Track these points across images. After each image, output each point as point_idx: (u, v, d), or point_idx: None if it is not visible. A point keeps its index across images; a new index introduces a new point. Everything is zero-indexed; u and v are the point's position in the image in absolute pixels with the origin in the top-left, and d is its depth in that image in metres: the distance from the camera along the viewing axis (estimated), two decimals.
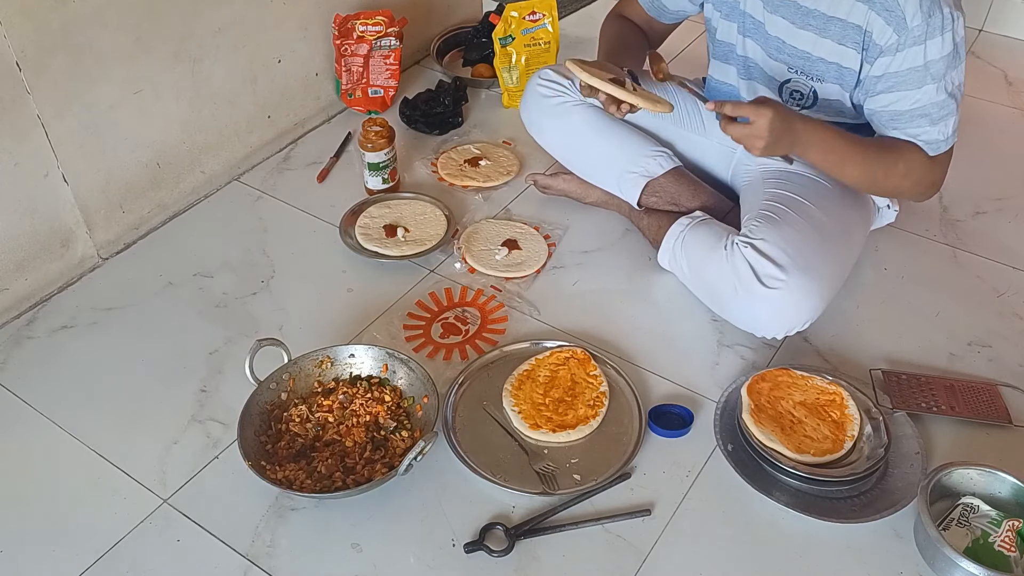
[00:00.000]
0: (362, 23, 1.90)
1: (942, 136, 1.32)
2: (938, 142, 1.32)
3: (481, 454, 1.25)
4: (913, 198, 1.45)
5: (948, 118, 1.30)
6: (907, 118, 1.31)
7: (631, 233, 1.66)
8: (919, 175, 1.34)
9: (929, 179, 1.36)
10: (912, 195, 1.42)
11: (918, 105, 1.29)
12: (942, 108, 1.29)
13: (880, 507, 1.17)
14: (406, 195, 1.73)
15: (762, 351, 1.42)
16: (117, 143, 1.56)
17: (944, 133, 1.31)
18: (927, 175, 1.35)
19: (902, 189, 1.39)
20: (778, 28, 1.38)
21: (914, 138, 1.32)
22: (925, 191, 1.39)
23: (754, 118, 1.24)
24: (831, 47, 1.33)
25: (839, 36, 1.32)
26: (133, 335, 1.46)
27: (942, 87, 1.27)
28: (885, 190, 1.41)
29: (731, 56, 1.50)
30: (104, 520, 1.19)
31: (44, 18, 1.37)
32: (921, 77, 1.26)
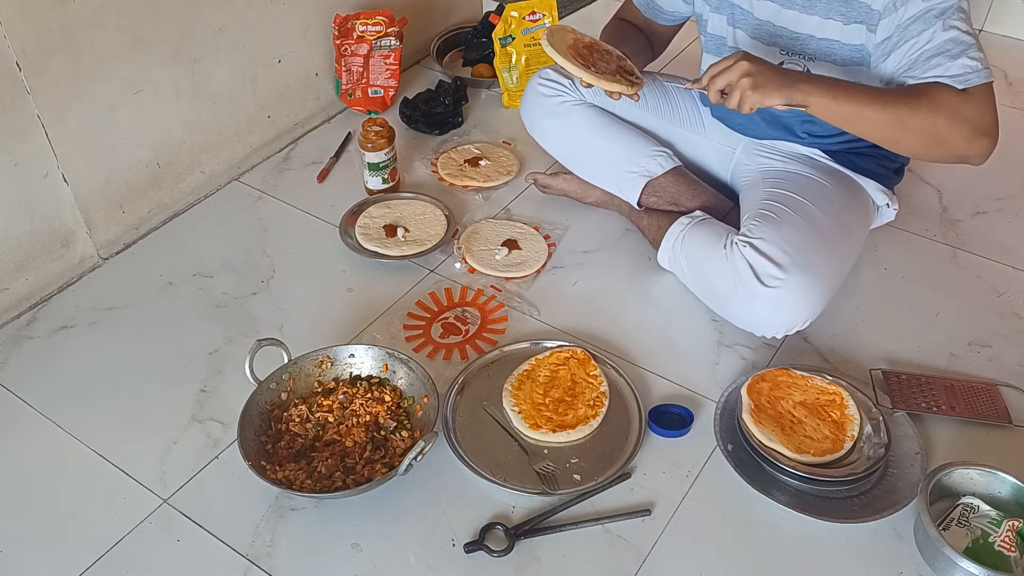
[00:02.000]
0: (362, 23, 1.90)
1: (968, 69, 1.20)
2: (965, 75, 1.20)
3: (481, 454, 1.25)
4: (962, 147, 1.23)
5: (968, 51, 1.20)
6: (923, 62, 1.23)
7: (631, 233, 1.66)
8: (952, 109, 1.19)
9: (968, 115, 1.20)
10: (957, 140, 1.22)
11: (931, 46, 1.21)
12: (957, 43, 1.20)
13: (880, 507, 1.17)
14: (406, 195, 1.73)
15: (762, 351, 1.42)
16: (117, 143, 1.56)
17: (969, 66, 1.20)
18: (963, 109, 1.20)
19: (939, 130, 1.21)
20: (766, 12, 1.38)
21: (939, 77, 1.21)
22: (970, 132, 1.21)
23: (729, 62, 1.22)
24: (818, 23, 1.33)
25: (825, 11, 1.31)
26: (133, 335, 1.46)
27: (949, 24, 1.20)
28: (920, 136, 1.22)
29: (722, 49, 1.50)
30: (104, 520, 1.19)
31: (44, 18, 1.37)
32: (926, 21, 1.21)
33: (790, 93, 1.20)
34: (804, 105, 1.21)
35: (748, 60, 1.21)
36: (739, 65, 1.21)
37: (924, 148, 1.25)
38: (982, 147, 1.23)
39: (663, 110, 1.65)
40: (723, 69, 1.22)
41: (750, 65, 1.20)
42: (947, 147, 1.23)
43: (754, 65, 1.20)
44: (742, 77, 1.20)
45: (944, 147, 1.24)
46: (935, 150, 1.25)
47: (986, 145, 1.23)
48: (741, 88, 1.20)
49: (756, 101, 1.20)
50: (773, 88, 1.20)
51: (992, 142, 1.23)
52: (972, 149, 1.23)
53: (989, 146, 1.23)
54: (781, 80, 1.21)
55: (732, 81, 1.21)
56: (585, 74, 1.28)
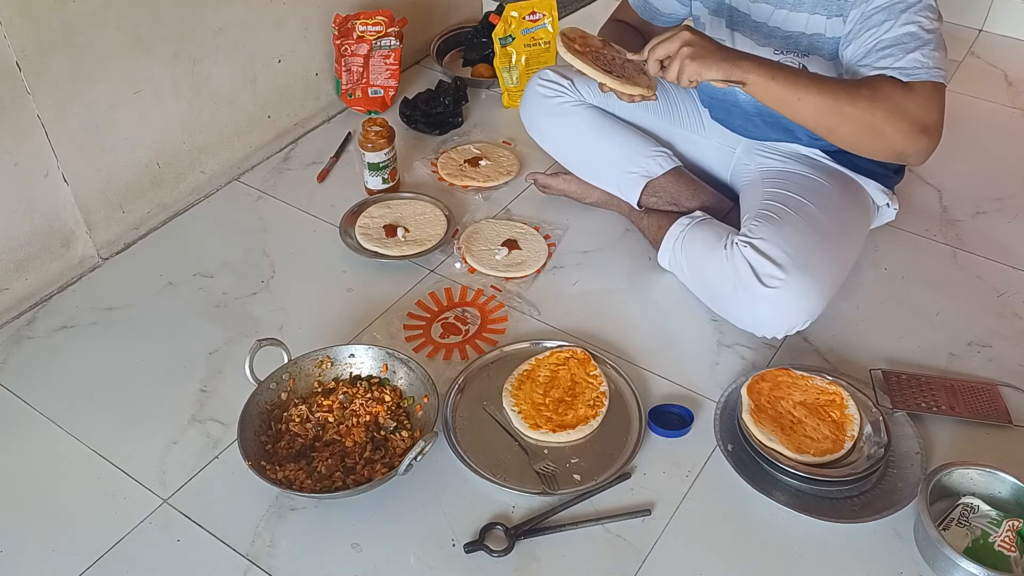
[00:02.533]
0: (362, 23, 1.90)
1: (918, 64, 1.19)
2: (914, 68, 1.19)
3: (481, 454, 1.25)
4: (900, 142, 1.20)
5: (924, 48, 1.19)
6: (876, 52, 1.22)
7: (631, 233, 1.66)
8: (892, 103, 1.18)
9: (908, 109, 1.18)
10: (894, 135, 1.19)
11: (888, 36, 1.21)
12: (915, 38, 1.20)
13: (880, 507, 1.17)
14: (406, 195, 1.73)
15: (762, 351, 1.42)
16: (117, 143, 1.56)
17: (920, 62, 1.19)
18: (903, 103, 1.18)
19: (876, 122, 1.19)
20: (762, 13, 1.38)
21: (886, 69, 1.21)
22: (908, 127, 1.19)
23: (671, 33, 1.22)
24: (807, 19, 1.33)
25: (811, 6, 1.32)
26: (133, 335, 1.46)
27: (911, 19, 1.20)
28: (856, 127, 1.21)
29: None
30: (104, 520, 1.19)
31: (44, 18, 1.37)
32: (890, 12, 1.21)
33: (730, 68, 1.19)
34: (743, 82, 1.21)
35: (690, 31, 1.21)
36: (680, 35, 1.21)
37: (861, 139, 1.23)
38: (920, 144, 1.20)
39: (663, 110, 1.65)
40: (664, 39, 1.22)
41: (691, 36, 1.20)
42: (884, 141, 1.21)
43: (695, 36, 1.20)
44: (682, 46, 1.20)
45: (881, 141, 1.21)
46: (872, 143, 1.23)
47: (925, 143, 1.20)
48: (681, 57, 1.20)
49: (695, 72, 1.19)
50: (713, 61, 1.19)
51: (932, 141, 1.21)
52: (910, 145, 1.21)
53: (928, 144, 1.21)
54: (722, 55, 1.20)
55: (672, 52, 1.21)
56: (606, 78, 1.28)
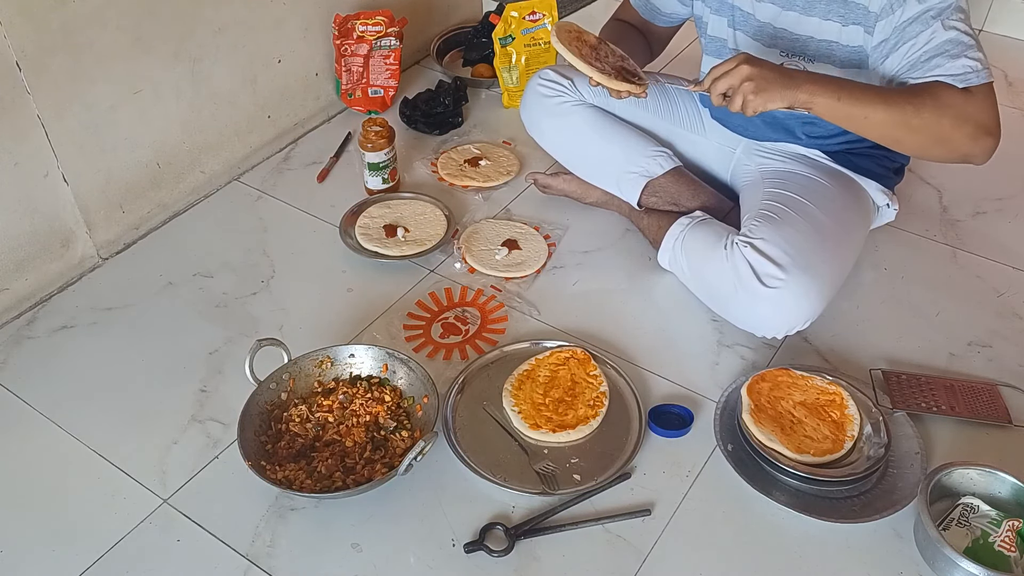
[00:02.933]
0: (362, 23, 1.90)
1: (968, 69, 1.20)
2: (966, 74, 1.20)
3: (481, 454, 1.25)
4: (965, 145, 1.22)
5: (968, 52, 1.20)
6: (922, 63, 1.22)
7: (631, 233, 1.66)
8: (956, 109, 1.19)
9: (971, 114, 1.20)
10: (960, 139, 1.21)
11: (930, 47, 1.21)
12: (956, 44, 1.20)
13: (880, 507, 1.17)
14: (406, 195, 1.73)
15: (762, 351, 1.42)
16: (117, 143, 1.56)
17: (969, 66, 1.20)
18: (966, 108, 1.19)
19: (943, 130, 1.20)
20: (767, 14, 1.38)
21: (938, 78, 1.21)
22: (973, 131, 1.21)
23: (731, 65, 1.21)
24: (817, 24, 1.33)
25: (824, 12, 1.31)
26: (133, 335, 1.46)
27: (948, 24, 1.20)
28: (924, 136, 1.22)
29: (723, 51, 1.49)
30: (104, 520, 1.19)
31: (44, 18, 1.37)
32: (924, 22, 1.21)
33: (794, 95, 1.20)
34: (808, 107, 1.21)
35: (750, 64, 1.20)
36: (741, 69, 1.20)
37: (928, 148, 1.25)
38: (985, 146, 1.22)
39: (663, 110, 1.65)
40: (725, 72, 1.21)
41: (752, 69, 1.19)
42: (950, 146, 1.23)
43: (756, 68, 1.19)
44: (744, 81, 1.19)
45: (947, 146, 1.23)
46: (938, 149, 1.25)
47: (989, 144, 1.23)
48: (744, 92, 1.20)
49: (759, 105, 1.20)
50: (776, 91, 1.19)
51: (995, 141, 1.23)
52: (976, 148, 1.23)
53: (992, 145, 1.23)
54: (784, 83, 1.20)
55: (734, 85, 1.20)
56: (595, 72, 1.27)
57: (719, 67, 1.23)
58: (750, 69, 1.19)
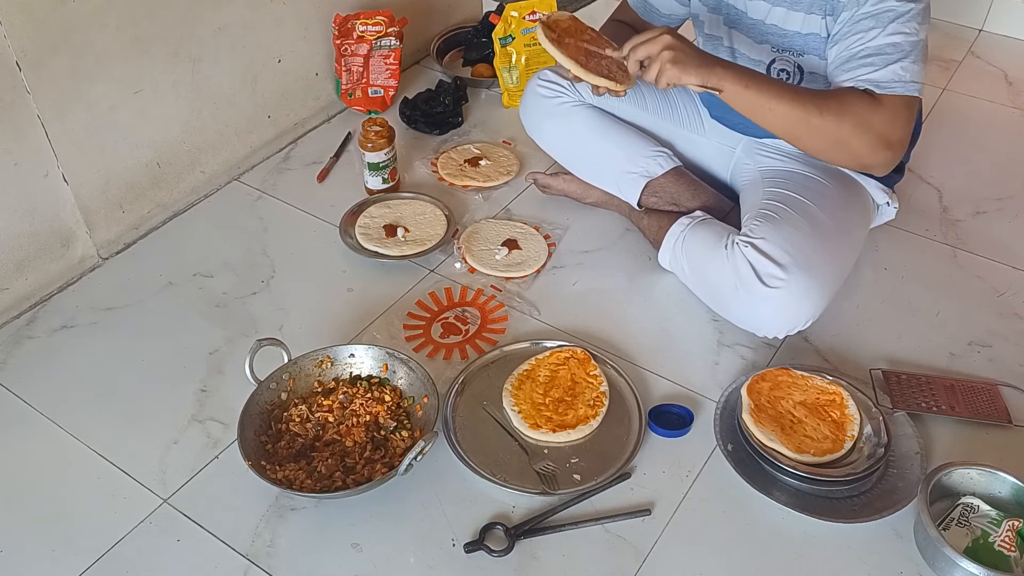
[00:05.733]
0: (362, 23, 1.90)
1: (895, 77, 1.21)
2: (890, 82, 1.21)
3: (481, 454, 1.25)
4: (863, 155, 1.24)
5: (904, 60, 1.20)
6: (857, 59, 1.23)
7: (631, 233, 1.66)
8: (859, 117, 1.20)
9: (874, 124, 1.21)
10: (858, 147, 1.23)
11: (871, 45, 1.22)
12: (897, 49, 1.20)
13: (880, 507, 1.17)
14: (406, 195, 1.73)
15: (762, 351, 1.42)
16: (117, 143, 1.56)
17: (898, 75, 1.20)
18: (870, 117, 1.20)
19: (842, 136, 1.22)
20: (758, 11, 1.39)
21: (861, 78, 1.23)
22: (873, 141, 1.22)
23: (652, 34, 1.23)
24: (803, 19, 1.34)
25: (807, 6, 1.32)
26: (133, 335, 1.46)
27: (899, 29, 1.21)
28: (823, 138, 1.23)
29: (719, 48, 1.50)
30: (104, 520, 1.19)
31: (44, 18, 1.37)
32: (878, 19, 1.22)
33: (707, 74, 1.22)
34: (718, 89, 1.23)
35: (671, 35, 1.23)
36: (661, 38, 1.22)
37: (827, 150, 1.28)
38: (882, 158, 1.25)
39: (663, 110, 1.65)
40: (645, 40, 1.24)
41: (672, 40, 1.22)
42: (849, 153, 1.26)
43: (676, 40, 1.22)
44: (663, 50, 1.22)
45: (846, 152, 1.26)
46: (837, 153, 1.27)
47: (886, 157, 1.25)
48: (661, 60, 1.22)
49: (674, 76, 1.22)
50: (692, 66, 1.22)
51: (895, 155, 1.25)
52: (873, 158, 1.25)
53: (889, 158, 1.25)
54: (700, 60, 1.23)
55: (652, 53, 1.23)
56: (572, 64, 1.28)
57: (640, 35, 1.25)
58: (671, 40, 1.22)
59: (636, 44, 1.25)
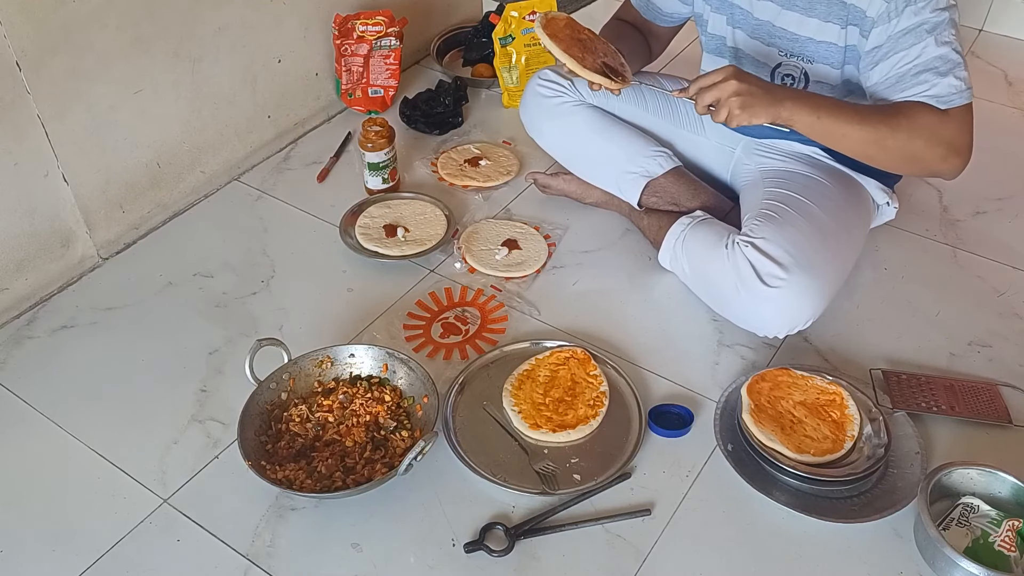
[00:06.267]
0: (362, 23, 1.90)
1: (953, 89, 1.23)
2: (949, 95, 1.23)
3: (481, 454, 1.25)
4: (935, 165, 1.27)
5: (955, 70, 1.22)
6: (911, 77, 1.25)
7: (631, 233, 1.66)
8: (930, 131, 1.23)
9: (945, 136, 1.23)
10: (932, 159, 1.26)
11: (920, 61, 1.23)
12: (945, 61, 1.22)
13: (880, 507, 1.17)
14: (406, 195, 1.73)
15: (762, 351, 1.42)
16: (117, 143, 1.56)
17: (954, 86, 1.23)
18: (941, 131, 1.23)
19: (916, 150, 1.24)
20: (766, 12, 1.38)
21: (921, 95, 1.24)
22: (945, 152, 1.25)
23: (718, 78, 1.23)
24: (818, 26, 1.33)
25: (824, 14, 1.32)
26: (133, 335, 1.46)
27: (941, 40, 1.22)
28: (897, 155, 1.26)
29: (723, 49, 1.50)
30: (104, 520, 1.19)
31: (44, 18, 1.37)
32: (918, 35, 1.23)
33: (776, 111, 1.23)
34: (789, 124, 1.24)
35: (738, 79, 1.22)
36: (729, 84, 1.22)
37: (900, 165, 1.31)
38: (954, 165, 1.27)
39: (663, 110, 1.65)
40: (712, 84, 1.23)
41: (739, 84, 1.22)
42: (921, 164, 1.28)
43: (744, 84, 1.22)
44: (732, 96, 1.22)
45: (919, 164, 1.28)
46: (910, 166, 1.31)
47: (958, 164, 1.27)
48: (730, 107, 1.22)
49: (744, 120, 1.23)
50: (761, 108, 1.22)
51: (964, 161, 1.27)
52: (945, 167, 1.27)
53: (961, 164, 1.27)
54: (769, 99, 1.23)
55: (721, 99, 1.23)
56: (570, 61, 1.28)
57: (706, 77, 1.25)
58: (738, 84, 1.22)
59: (704, 88, 1.24)
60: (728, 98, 1.22)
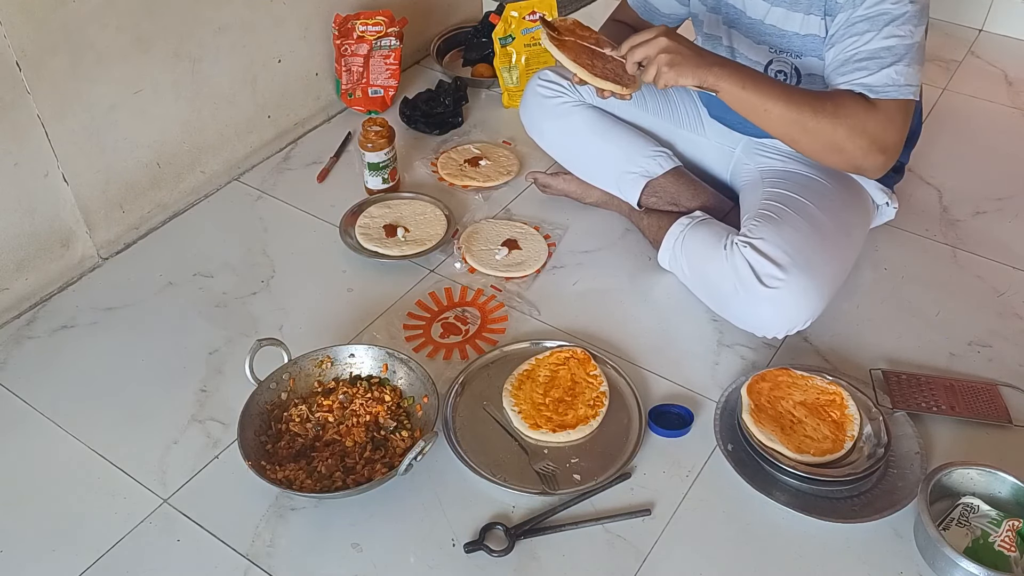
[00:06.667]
0: (362, 23, 1.90)
1: (888, 81, 1.20)
2: (884, 86, 1.21)
3: (481, 454, 1.25)
4: (857, 158, 1.24)
5: (898, 63, 1.20)
6: (852, 63, 1.23)
7: (631, 233, 1.66)
8: (854, 120, 1.20)
9: (869, 128, 1.21)
10: (853, 151, 1.23)
11: (866, 48, 1.22)
12: (892, 53, 1.20)
13: (880, 507, 1.17)
14: (406, 195, 1.73)
15: (762, 351, 1.42)
16: (117, 143, 1.56)
17: (892, 79, 1.20)
18: (865, 121, 1.20)
19: (837, 139, 1.22)
20: (757, 11, 1.39)
21: (855, 82, 1.22)
22: (867, 145, 1.22)
23: (649, 35, 1.23)
24: (802, 19, 1.33)
25: (806, 7, 1.32)
26: (133, 335, 1.46)
27: (894, 32, 1.20)
28: (818, 140, 1.23)
29: (718, 47, 1.50)
30: (104, 520, 1.19)
31: (44, 18, 1.37)
32: (873, 23, 1.22)
33: (703, 75, 1.23)
34: (715, 89, 1.24)
35: (668, 37, 1.23)
36: (658, 41, 1.22)
37: (821, 152, 1.27)
38: (875, 162, 1.25)
39: (663, 110, 1.65)
40: (642, 42, 1.24)
41: (669, 42, 1.22)
42: (843, 156, 1.25)
43: (673, 43, 1.22)
44: (660, 53, 1.22)
45: (840, 155, 1.26)
46: (832, 157, 1.27)
47: (880, 161, 1.24)
48: (658, 63, 1.22)
49: (671, 79, 1.22)
50: (688, 68, 1.22)
51: (887, 159, 1.24)
52: (866, 162, 1.25)
53: (883, 163, 1.25)
54: (697, 61, 1.22)
55: (650, 55, 1.23)
56: (580, 71, 1.28)
57: (638, 36, 1.25)
58: (667, 42, 1.22)
59: (633, 45, 1.25)
60: (656, 55, 1.22)
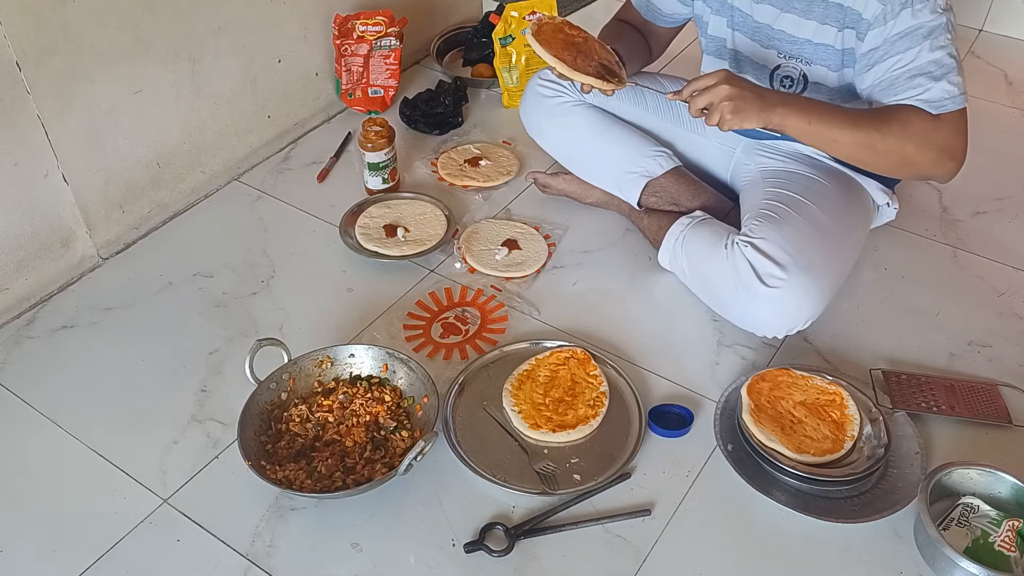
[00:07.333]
0: (362, 23, 1.90)
1: (946, 94, 1.23)
2: (942, 100, 1.23)
3: (481, 454, 1.25)
4: (929, 169, 1.28)
5: (949, 75, 1.23)
6: (904, 80, 1.25)
7: (631, 233, 1.66)
8: (922, 136, 1.24)
9: (937, 141, 1.24)
10: (925, 163, 1.27)
11: (914, 65, 1.24)
12: (940, 65, 1.23)
13: (880, 507, 1.17)
14: (406, 195, 1.73)
15: (762, 351, 1.42)
16: (117, 143, 1.56)
17: (948, 91, 1.23)
18: (933, 135, 1.24)
19: (908, 154, 1.25)
20: (765, 15, 1.39)
21: (914, 99, 1.25)
22: (937, 156, 1.25)
23: (711, 81, 1.24)
24: (815, 28, 1.34)
25: (821, 16, 1.32)
26: (133, 335, 1.46)
27: (936, 44, 1.23)
28: (889, 159, 1.27)
29: (723, 51, 1.50)
30: (104, 520, 1.19)
31: (44, 18, 1.37)
32: (913, 39, 1.23)
33: (768, 117, 1.24)
34: (780, 129, 1.26)
35: (730, 83, 1.23)
36: (721, 89, 1.22)
37: (892, 168, 1.32)
38: (947, 169, 1.28)
39: (663, 110, 1.65)
40: (705, 88, 1.24)
41: (731, 89, 1.22)
42: (914, 168, 1.29)
43: (735, 89, 1.23)
44: (723, 100, 1.22)
45: (911, 169, 1.30)
46: (902, 170, 1.33)
47: (952, 168, 1.28)
48: (721, 111, 1.23)
49: (735, 124, 1.24)
50: (752, 113, 1.23)
51: (958, 165, 1.28)
52: (938, 171, 1.29)
53: (955, 169, 1.28)
54: (760, 105, 1.23)
55: (713, 102, 1.23)
56: (559, 64, 1.28)
57: (699, 81, 1.25)
58: (730, 89, 1.22)
59: (696, 91, 1.25)
60: (720, 102, 1.23)
